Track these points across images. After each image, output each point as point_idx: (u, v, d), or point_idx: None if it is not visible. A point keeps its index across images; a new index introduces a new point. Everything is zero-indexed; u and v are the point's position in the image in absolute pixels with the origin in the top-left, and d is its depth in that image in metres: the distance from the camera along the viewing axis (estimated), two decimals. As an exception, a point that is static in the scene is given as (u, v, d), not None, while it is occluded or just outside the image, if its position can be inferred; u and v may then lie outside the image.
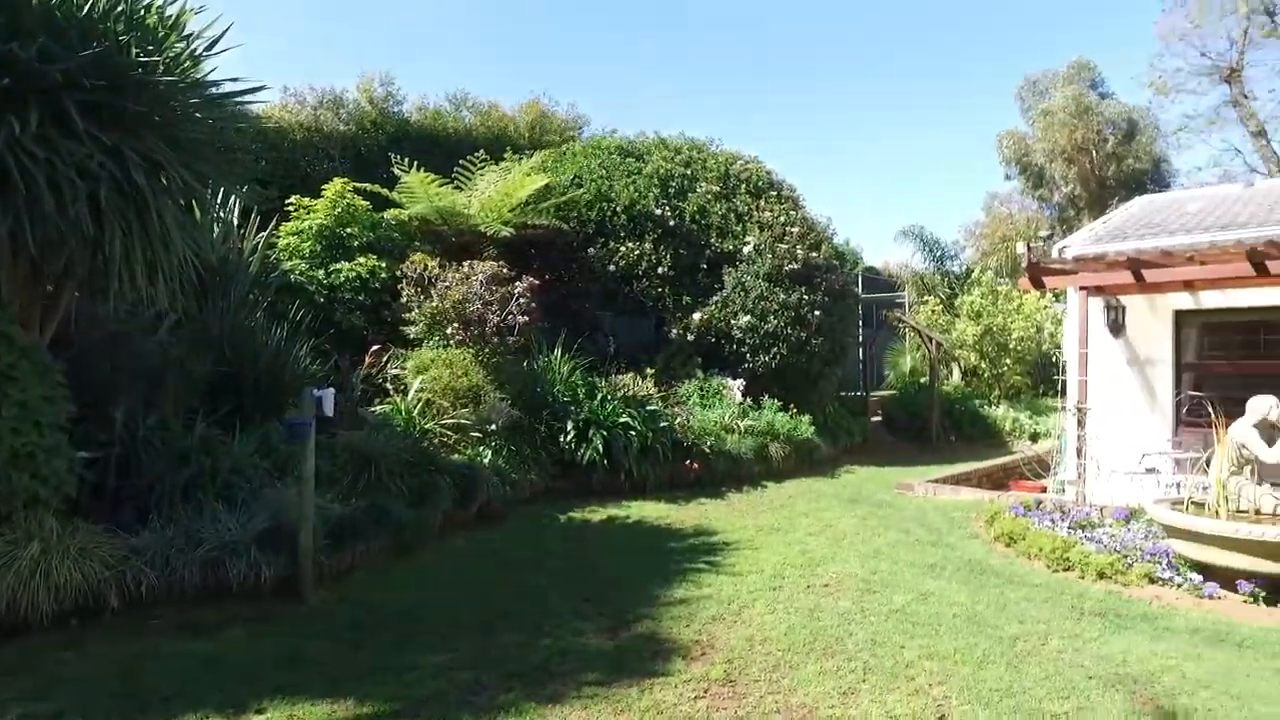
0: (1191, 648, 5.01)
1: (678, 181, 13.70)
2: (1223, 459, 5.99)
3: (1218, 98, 26.27)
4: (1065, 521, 7.78)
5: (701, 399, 12.09)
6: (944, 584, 6.39)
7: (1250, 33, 24.80)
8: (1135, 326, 10.32)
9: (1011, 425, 15.78)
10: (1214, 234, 9.30)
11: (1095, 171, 29.52)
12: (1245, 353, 9.91)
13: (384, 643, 5.10)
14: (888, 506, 9.57)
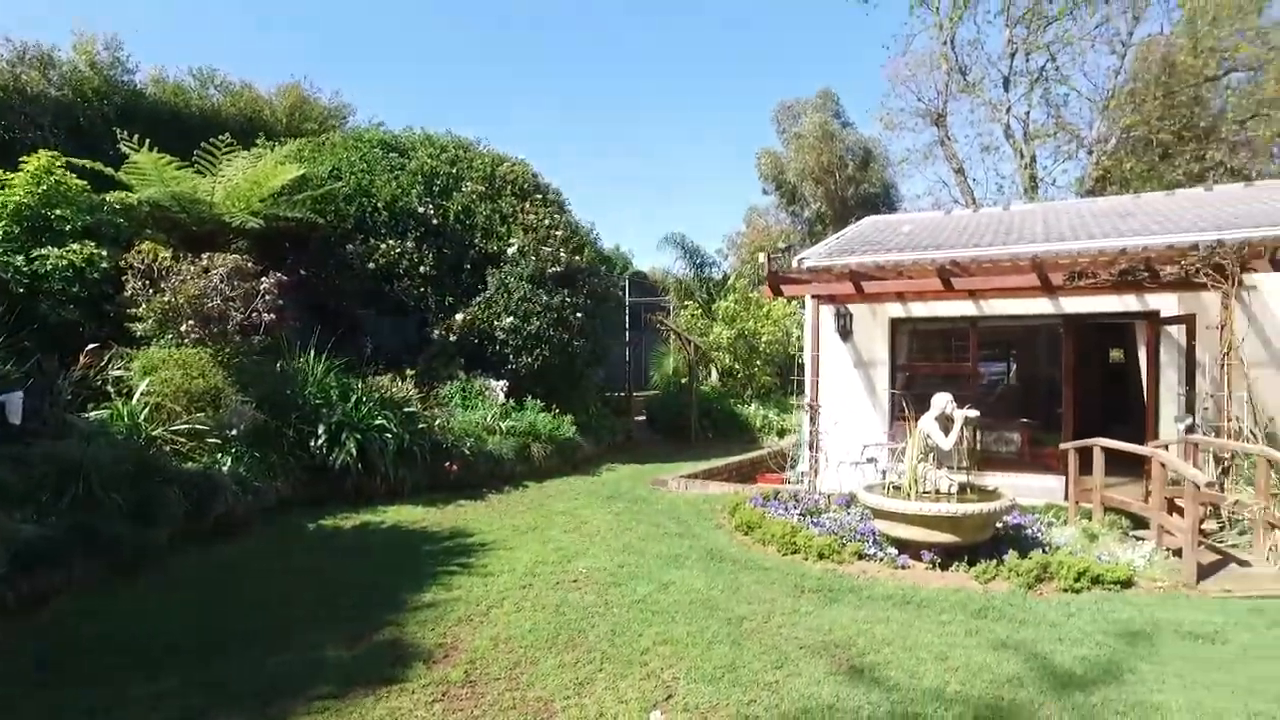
0: (884, 612, 5.73)
1: (443, 180, 13.46)
2: (913, 448, 6.93)
3: (930, 137, 30.22)
4: (797, 509, 8.58)
5: (464, 400, 11.97)
6: (685, 573, 6.80)
7: (951, 86, 28.75)
8: (860, 332, 11.60)
9: (762, 422, 17.11)
10: (918, 253, 10.69)
11: (838, 192, 32.68)
12: (943, 355, 11.50)
13: (80, 677, 4.56)
14: (642, 502, 10.01)
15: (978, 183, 29.62)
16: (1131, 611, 5.72)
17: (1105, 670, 4.71)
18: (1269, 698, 4.29)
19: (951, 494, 6.80)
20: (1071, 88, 28.07)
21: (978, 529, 6.64)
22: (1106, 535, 7.19)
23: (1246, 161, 24.71)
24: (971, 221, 13.90)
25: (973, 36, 28.55)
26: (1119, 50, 27.35)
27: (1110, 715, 4.12)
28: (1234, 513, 7.34)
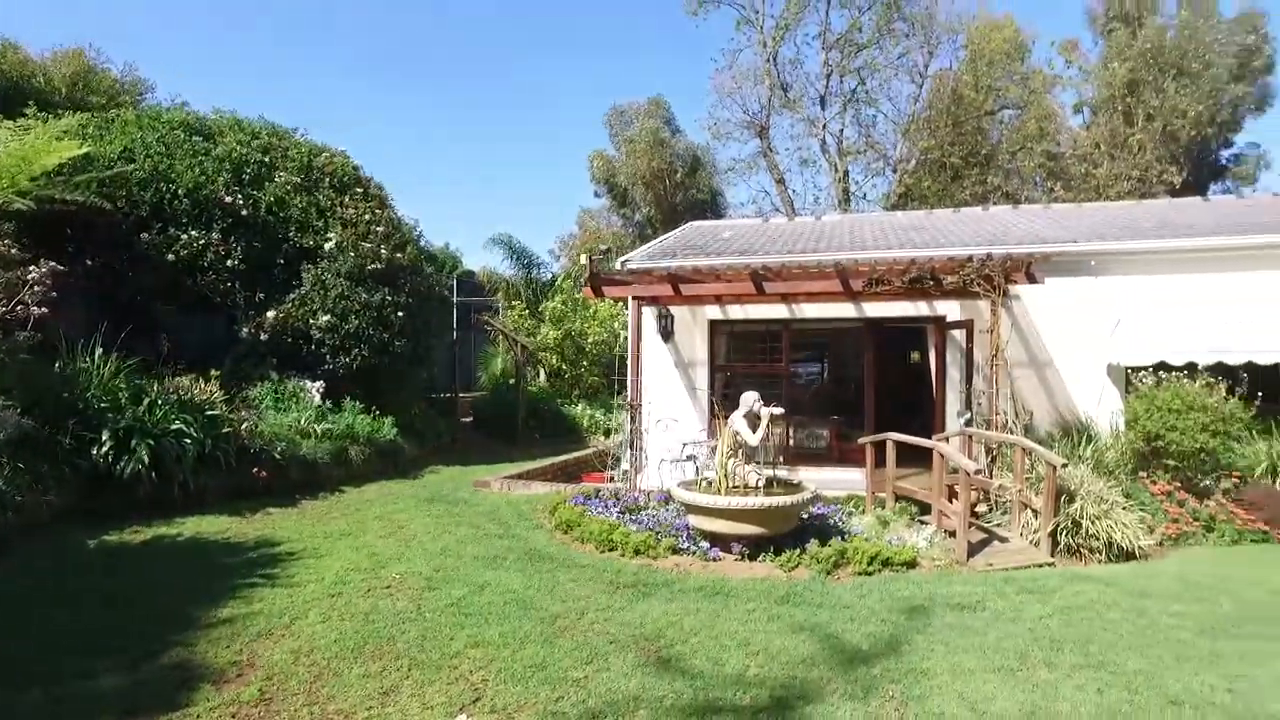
0: (694, 603, 5.94)
1: (254, 168, 12.58)
2: (723, 445, 7.25)
3: (754, 148, 31.73)
4: (617, 507, 8.72)
5: (276, 403, 11.25)
6: (503, 574, 6.74)
7: (773, 101, 30.36)
8: (681, 333, 11.97)
9: (589, 422, 17.28)
10: (734, 258, 11.19)
11: (668, 197, 33.58)
12: (759, 356, 12.09)
13: None
14: (464, 504, 9.83)
15: (797, 193, 31.42)
16: (913, 589, 6.26)
17: (887, 644, 5.12)
18: (1008, 653, 4.87)
19: (759, 488, 7.17)
20: (879, 110, 30.42)
21: (783, 520, 7.04)
22: (897, 521, 7.84)
23: (1017, 187, 27.85)
24: (787, 229, 14.72)
25: (793, 56, 30.25)
26: (918, 80, 29.98)
27: (887, 684, 4.48)
28: (999, 495, 8.24)
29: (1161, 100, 26.79)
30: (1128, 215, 13.06)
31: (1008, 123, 29.60)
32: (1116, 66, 27.64)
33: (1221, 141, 29.57)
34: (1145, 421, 8.67)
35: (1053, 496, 7.05)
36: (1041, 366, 10.66)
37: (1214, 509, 8.02)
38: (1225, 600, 5.96)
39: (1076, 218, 13.21)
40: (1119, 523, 7.11)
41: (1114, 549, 7.10)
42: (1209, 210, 13.11)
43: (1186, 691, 4.35)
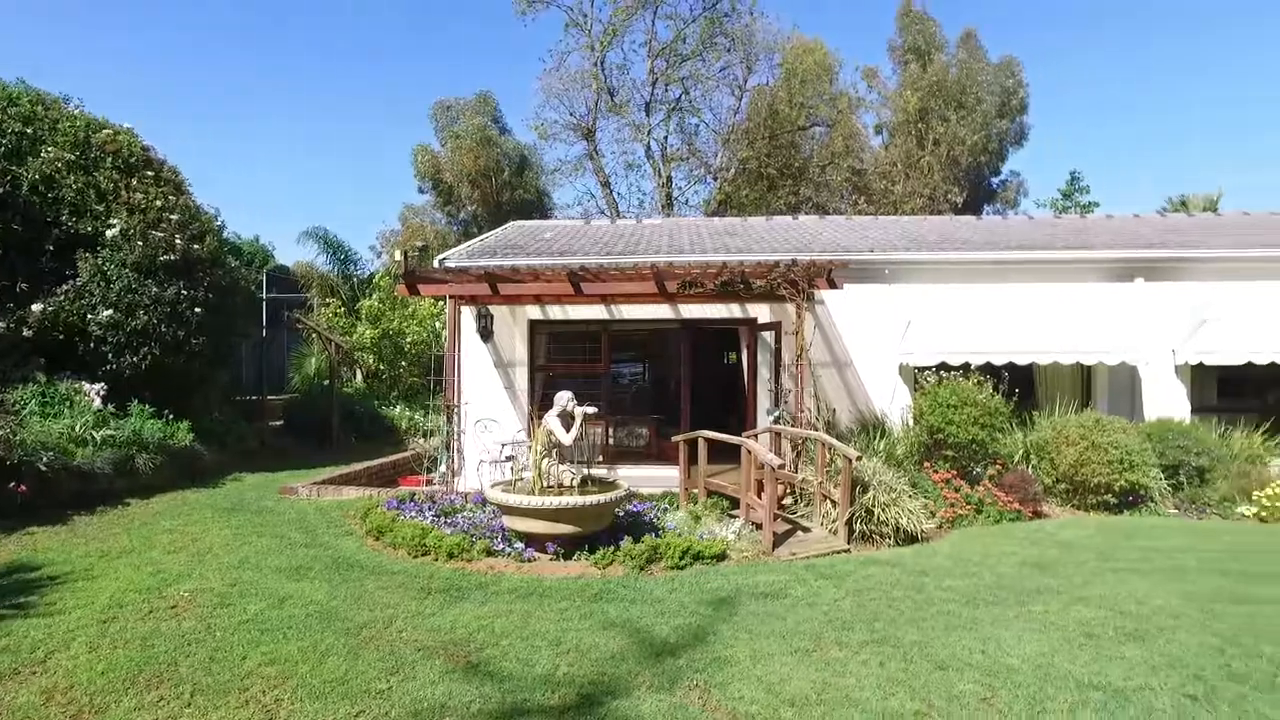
0: (507, 605, 5.87)
1: (11, 139, 11.11)
2: (538, 444, 7.23)
3: (581, 150, 31.94)
4: (433, 510, 8.46)
5: (44, 407, 9.99)
6: (307, 585, 6.35)
7: (600, 104, 30.72)
8: (501, 333, 11.81)
9: (408, 424, 16.67)
10: (553, 258, 11.19)
11: (495, 196, 33.09)
12: (580, 357, 12.16)
13: None
14: (268, 513, 9.19)
15: (622, 197, 31.90)
16: (721, 581, 6.51)
17: (695, 635, 5.29)
18: (805, 635, 5.19)
19: (574, 487, 7.20)
20: (701, 120, 31.51)
21: (597, 519, 7.10)
22: (708, 516, 8.13)
23: (826, 199, 29.86)
24: (608, 232, 14.92)
25: (620, 62, 30.74)
26: (738, 93, 31.34)
27: (692, 674, 4.63)
28: (803, 488, 8.76)
29: (946, 128, 29.65)
30: (916, 229, 14.34)
31: (818, 139, 31.63)
32: (910, 95, 30.31)
33: (992, 169, 33.19)
34: (929, 416, 9.53)
35: (849, 488, 7.59)
36: (843, 366, 11.45)
37: (982, 493, 8.95)
38: (986, 573, 6.66)
39: (874, 229, 14.34)
40: (905, 509, 7.76)
41: (901, 533, 7.73)
42: (979, 227, 14.66)
43: (951, 656, 4.81)
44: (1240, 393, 11.89)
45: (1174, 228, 14.04)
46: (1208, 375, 11.60)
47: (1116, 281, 11.55)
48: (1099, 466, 9.20)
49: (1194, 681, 4.48)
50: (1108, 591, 6.16)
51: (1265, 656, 4.85)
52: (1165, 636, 5.17)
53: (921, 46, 31.50)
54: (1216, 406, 11.65)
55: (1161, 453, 9.74)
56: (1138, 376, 11.24)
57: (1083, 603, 5.87)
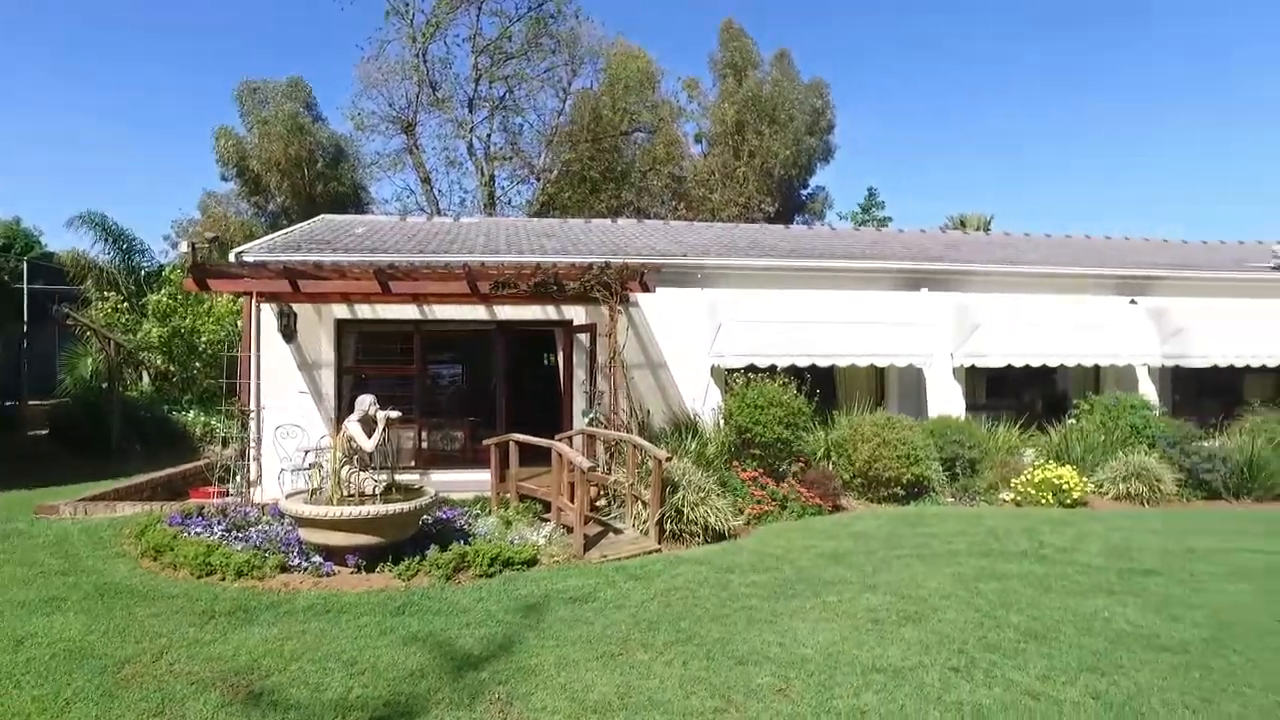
0: (300, 625, 5.46)
1: None
2: (337, 451, 6.80)
3: (400, 144, 30.70)
4: (223, 525, 7.77)
5: None
6: (59, 619, 5.61)
7: (422, 97, 29.72)
8: (306, 333, 11.07)
9: (203, 430, 15.30)
10: (361, 255, 10.65)
11: (307, 188, 31.10)
12: (391, 358, 11.64)
13: None
14: (19, 537, 8.09)
15: (444, 194, 31.00)
16: (531, 587, 6.41)
17: (500, 645, 5.16)
18: (611, 640, 5.20)
19: (376, 495, 6.84)
20: (526, 120, 31.22)
21: (401, 527, 6.79)
22: (520, 521, 8.01)
23: (648, 204, 30.52)
24: (424, 229, 14.41)
25: (444, 55, 29.80)
26: (562, 95, 31.35)
27: (495, 686, 4.50)
28: (615, 490, 8.84)
29: (760, 141, 31.17)
30: (729, 235, 14.93)
31: (640, 144, 32.28)
32: (727, 108, 31.61)
33: (801, 181, 35.37)
34: (738, 417, 9.92)
35: (659, 489, 7.72)
36: (658, 368, 11.69)
37: (787, 490, 9.43)
38: (787, 567, 7.00)
39: (690, 234, 14.79)
40: (714, 508, 8.00)
41: (710, 532, 7.97)
42: (787, 236, 15.51)
43: (751, 651, 4.99)
44: (1004, 392, 13.34)
45: (953, 243, 15.54)
46: (978, 377, 12.89)
47: (905, 290, 12.57)
48: (890, 461, 9.96)
49: (958, 655, 4.90)
50: (893, 578, 6.65)
51: (1013, 625, 5.41)
52: (937, 616, 5.64)
53: (739, 62, 32.92)
54: (985, 405, 12.99)
55: (941, 447, 10.69)
56: (923, 378, 12.30)
57: (871, 590, 6.29)
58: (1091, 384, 13.25)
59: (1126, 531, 8.58)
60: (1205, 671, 4.71)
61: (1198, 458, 10.65)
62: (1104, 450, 11.07)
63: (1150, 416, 11.54)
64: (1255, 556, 7.54)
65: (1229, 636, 5.30)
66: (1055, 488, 10.05)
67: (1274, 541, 8.22)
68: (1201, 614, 5.79)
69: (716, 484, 8.64)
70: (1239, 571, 6.99)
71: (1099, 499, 10.51)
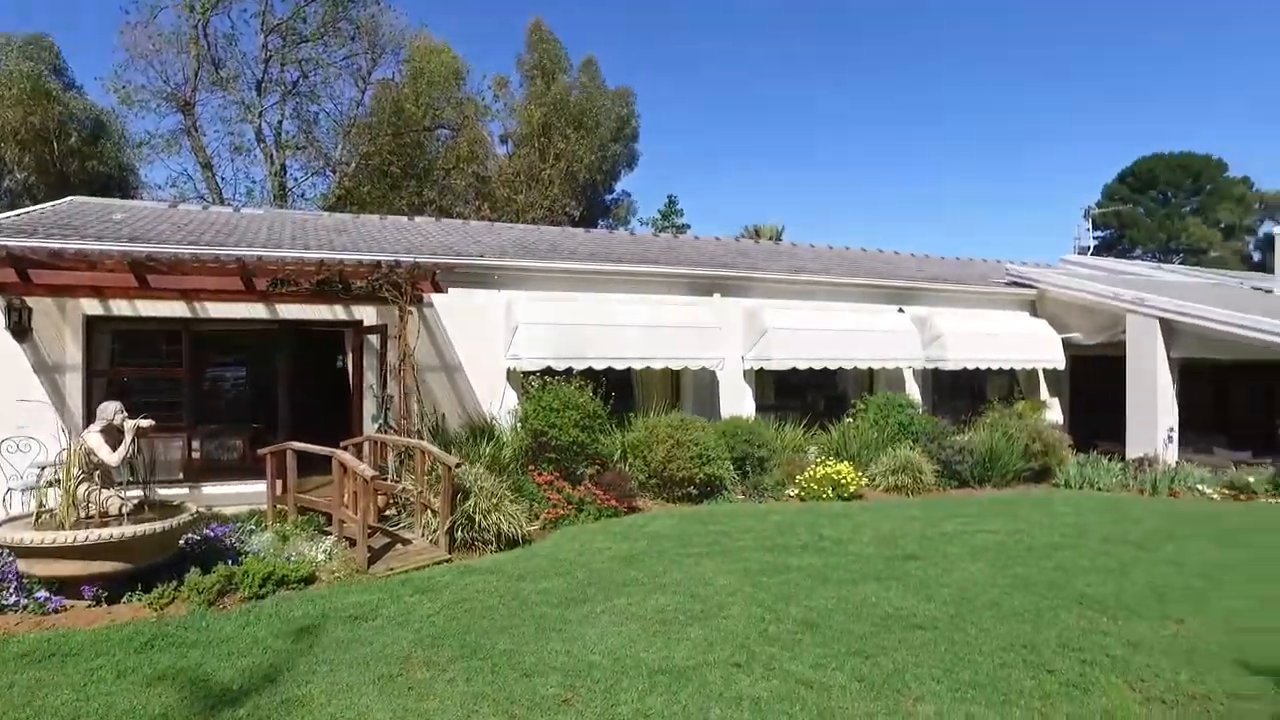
0: (11, 678, 4.67)
1: None
2: (73, 466, 5.93)
3: (176, 124, 27.76)
4: (-79, 558, 6.55)
5: None
6: None
7: (202, 75, 27.09)
8: (45, 331, 9.67)
9: (-93, 446, 12.93)
10: (120, 244, 9.45)
11: (58, 164, 27.39)
12: (156, 360, 10.43)
13: None
14: None
15: (228, 182, 28.41)
16: (307, 607, 5.92)
17: (265, 676, 4.70)
18: (391, 659, 4.91)
19: (123, 515, 6.03)
20: (322, 108, 29.33)
21: (155, 550, 6.04)
22: (299, 536, 7.42)
23: (451, 203, 29.69)
24: (197, 218, 13.09)
25: (229, 31, 27.29)
26: (361, 85, 29.78)
27: (253, 722, 4.09)
28: (405, 498, 8.42)
29: (566, 145, 31.29)
30: (529, 237, 14.78)
31: (444, 141, 31.37)
32: (534, 109, 31.47)
33: (606, 187, 36.01)
34: (533, 420, 9.79)
35: (449, 496, 7.42)
36: (454, 371, 11.31)
37: (583, 493, 9.41)
38: (580, 571, 6.96)
39: (489, 235, 14.48)
40: (507, 514, 7.82)
41: (503, 538, 7.77)
42: (588, 239, 15.60)
43: (538, 662, 4.88)
44: (791, 393, 14.18)
45: (743, 251, 16.32)
46: (768, 378, 13.61)
47: (699, 295, 13.01)
48: (684, 462, 10.23)
49: (740, 651, 5.07)
50: (683, 576, 6.79)
51: (792, 618, 5.69)
52: (723, 613, 5.82)
53: (547, 65, 32.89)
54: (774, 405, 13.72)
55: (732, 447, 11.14)
56: (716, 380, 12.78)
57: (661, 590, 6.39)
58: (867, 385, 14.40)
59: (894, 520, 9.35)
60: (949, 645, 5.19)
61: (951, 451, 11.87)
62: (877, 446, 12.04)
63: (914, 415, 12.70)
64: (990, 536, 8.47)
65: (968, 611, 5.88)
66: (835, 482, 10.78)
67: (1005, 522, 9.29)
68: (949, 592, 6.39)
69: (511, 489, 8.47)
70: (978, 551, 7.83)
71: (873, 491, 11.41)
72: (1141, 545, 8.28)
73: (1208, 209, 48.81)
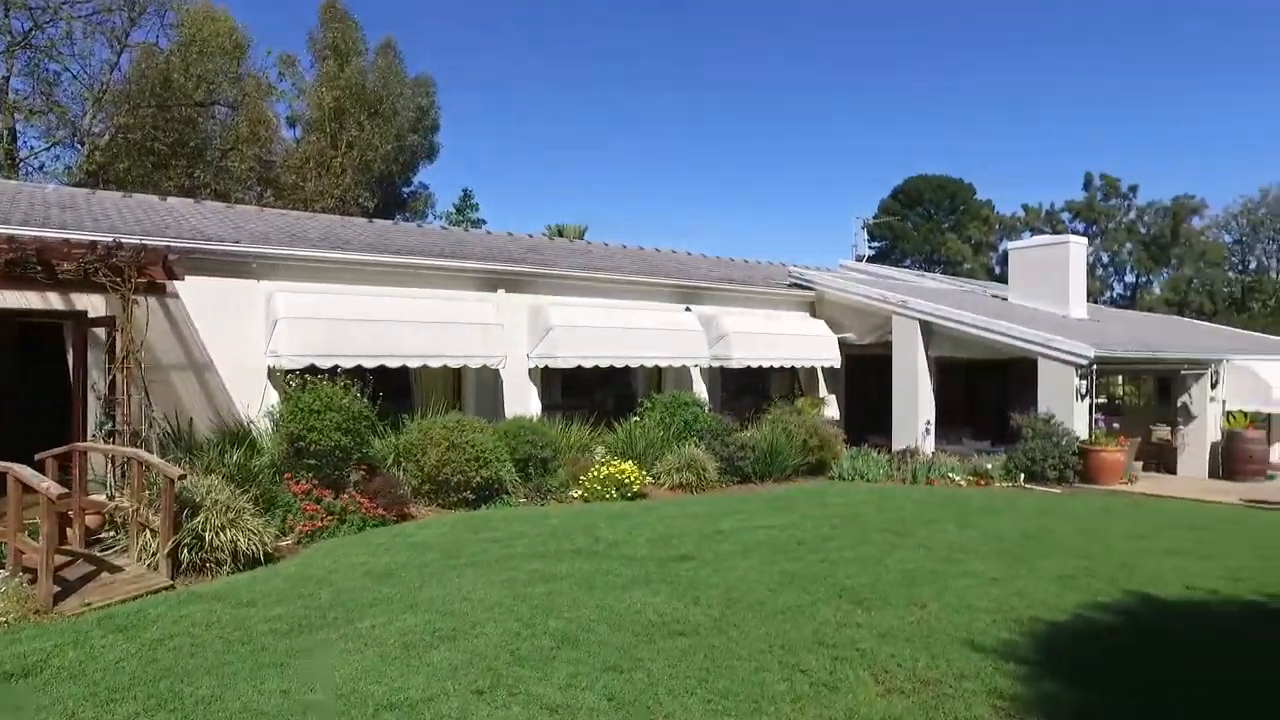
0: None
1: None
2: None
3: None
4: None
5: None
6: None
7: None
8: None
9: None
10: None
11: None
12: None
13: None
14: None
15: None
16: (-50, 662, 4.80)
17: None
18: (55, 713, 4.01)
19: None
20: (65, 68, 25.65)
21: None
22: (-32, 570, 6.11)
23: (229, 187, 26.98)
24: None
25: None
26: (117, 47, 26.39)
27: None
28: (121, 517, 7.24)
29: (360, 133, 29.47)
30: (300, 225, 13.50)
31: (221, 120, 28.54)
32: (325, 92, 29.33)
33: (404, 179, 34.41)
34: (290, 423, 8.83)
35: (170, 512, 6.40)
36: (203, 370, 10.04)
37: (346, 501, 8.59)
38: (325, 591, 6.22)
39: (256, 221, 13.09)
40: (246, 530, 6.90)
41: (242, 557, 6.85)
42: (368, 230, 14.52)
43: (244, 707, 4.17)
44: (580, 392, 13.95)
45: (535, 247, 15.87)
46: (555, 377, 13.29)
47: (485, 291, 12.45)
48: (459, 465, 9.64)
49: (486, 675, 4.61)
50: (440, 592, 6.24)
51: (550, 632, 5.31)
52: (476, 631, 5.34)
53: (342, 46, 30.72)
54: (562, 404, 13.43)
55: (515, 448, 10.69)
56: (500, 379, 12.27)
57: (413, 609, 5.80)
58: (657, 384, 14.46)
59: (673, 519, 9.30)
60: (709, 652, 5.02)
61: (734, 447, 12.11)
62: (662, 445, 12.05)
63: (700, 413, 12.86)
64: (765, 532, 8.61)
65: (732, 613, 5.79)
66: (619, 482, 10.62)
67: (780, 516, 9.53)
68: (717, 593, 6.30)
69: (258, 501, 7.54)
70: (751, 547, 7.88)
71: (658, 490, 11.38)
72: (899, 532, 8.73)
73: (962, 226, 54.87)
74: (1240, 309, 46.24)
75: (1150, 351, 14.79)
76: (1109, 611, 6.03)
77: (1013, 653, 5.02)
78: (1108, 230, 52.29)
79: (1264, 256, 51.16)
